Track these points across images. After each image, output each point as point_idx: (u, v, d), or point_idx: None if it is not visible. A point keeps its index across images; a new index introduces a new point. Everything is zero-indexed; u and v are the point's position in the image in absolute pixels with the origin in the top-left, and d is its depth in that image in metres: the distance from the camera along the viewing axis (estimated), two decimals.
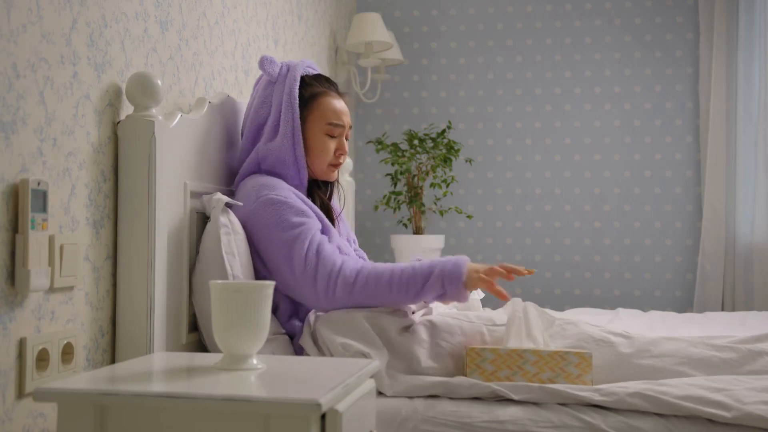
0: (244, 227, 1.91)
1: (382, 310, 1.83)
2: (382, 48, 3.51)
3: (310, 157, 2.05)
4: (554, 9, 3.92)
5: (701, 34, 3.71)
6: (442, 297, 1.85)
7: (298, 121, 2.01)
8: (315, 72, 2.14)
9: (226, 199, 1.87)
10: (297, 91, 2.03)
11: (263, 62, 2.05)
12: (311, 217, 1.91)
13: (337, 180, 2.19)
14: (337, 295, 1.83)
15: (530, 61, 3.93)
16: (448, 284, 1.81)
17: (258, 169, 2.04)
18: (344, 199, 2.45)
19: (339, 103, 2.09)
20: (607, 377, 1.76)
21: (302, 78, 2.08)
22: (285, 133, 2.01)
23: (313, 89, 2.07)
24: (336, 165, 2.10)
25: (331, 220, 2.11)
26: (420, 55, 4.01)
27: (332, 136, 2.07)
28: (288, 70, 2.06)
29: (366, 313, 1.81)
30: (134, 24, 1.76)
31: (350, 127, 2.12)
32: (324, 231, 1.95)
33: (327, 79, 2.13)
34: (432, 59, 4.00)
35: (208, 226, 1.86)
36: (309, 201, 2.00)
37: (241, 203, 1.96)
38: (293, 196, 1.94)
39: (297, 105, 2.02)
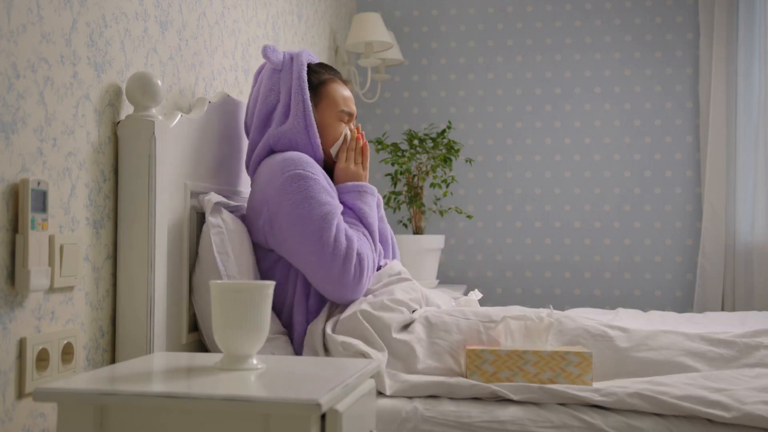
0: (267, 204, 1.89)
1: (381, 307, 1.84)
2: (382, 48, 3.51)
3: (323, 142, 2.06)
4: (554, 9, 3.92)
5: (701, 34, 3.71)
6: (364, 196, 2.02)
7: (308, 103, 2.01)
8: (316, 61, 2.16)
9: (216, 198, 1.87)
10: (305, 74, 2.04)
11: (266, 51, 2.05)
12: (335, 197, 1.93)
13: None
14: (363, 279, 1.87)
15: (530, 61, 3.93)
16: (361, 198, 2.00)
17: (272, 153, 2.03)
18: None
19: (346, 91, 2.13)
20: (604, 371, 1.76)
21: (308, 65, 2.09)
22: (296, 114, 2.00)
23: (320, 76, 2.09)
24: None
25: None
26: (420, 55, 4.01)
27: (342, 122, 2.09)
28: (292, 57, 2.07)
29: (367, 311, 1.81)
30: (134, 24, 1.76)
31: (355, 115, 2.15)
32: None
33: (330, 67, 2.15)
34: (432, 59, 4.00)
35: (203, 226, 1.86)
36: (330, 179, 2.00)
37: (235, 203, 1.96)
38: (319, 171, 1.93)
39: (307, 88, 2.03)
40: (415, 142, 3.43)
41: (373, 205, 2.03)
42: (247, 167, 2.10)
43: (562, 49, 3.91)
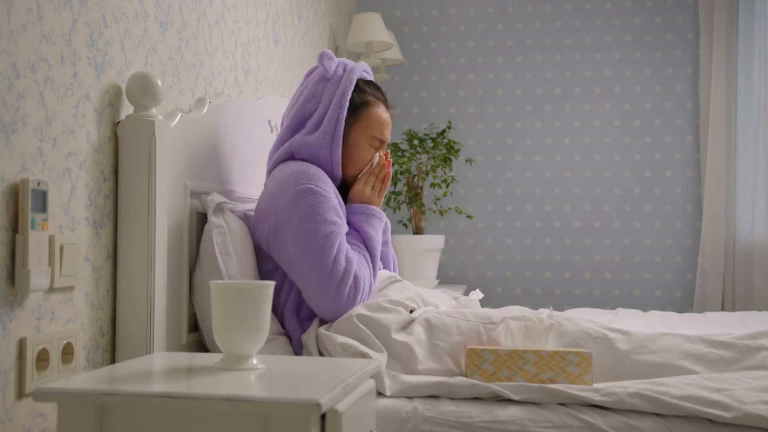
0: (276, 213, 1.88)
1: (378, 309, 1.84)
2: (382, 48, 3.51)
3: (347, 162, 2.04)
4: (554, 9, 3.92)
5: (701, 34, 3.71)
6: (373, 221, 2.01)
7: (342, 123, 1.99)
8: (369, 77, 2.13)
9: (219, 199, 1.87)
10: (350, 93, 2.01)
11: (323, 57, 2.02)
12: (342, 217, 1.91)
13: None
14: (356, 302, 1.86)
15: (530, 61, 3.93)
16: (368, 221, 1.98)
17: (291, 158, 2.02)
18: None
19: (386, 117, 2.09)
20: (605, 374, 1.76)
21: (357, 81, 2.06)
22: (326, 130, 1.98)
23: (365, 96, 2.06)
24: None
25: None
26: (420, 55, 4.01)
27: (372, 147, 2.07)
28: (344, 70, 2.05)
29: (363, 314, 1.81)
30: (134, 24, 1.76)
31: (387, 142, 2.13)
32: None
33: (378, 88, 2.12)
34: (432, 59, 4.00)
35: (206, 226, 1.86)
36: (341, 199, 1.99)
37: (233, 203, 1.96)
38: (332, 190, 1.92)
39: (346, 107, 2.00)
40: (415, 142, 3.43)
41: (379, 230, 2.01)
42: (269, 162, 2.10)
43: (562, 49, 3.91)
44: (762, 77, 3.60)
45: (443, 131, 3.42)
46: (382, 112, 2.08)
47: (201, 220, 1.94)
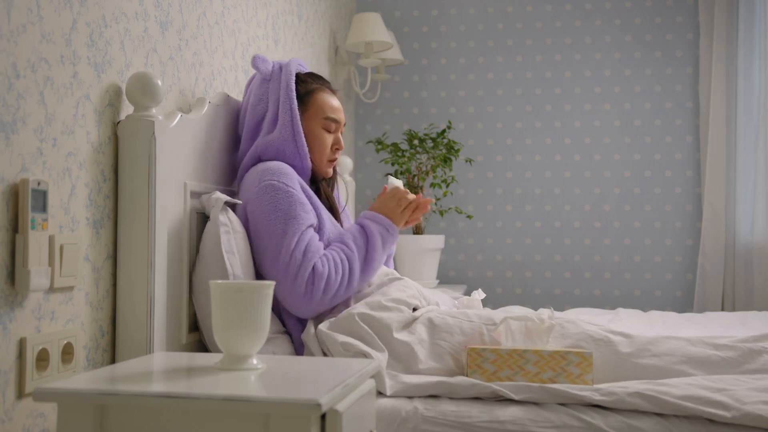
0: (246, 211, 1.92)
1: (379, 308, 1.84)
2: (382, 48, 3.51)
3: (309, 152, 2.07)
4: (554, 9, 3.92)
5: (701, 34, 3.71)
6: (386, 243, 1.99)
7: (296, 113, 2.03)
8: (306, 70, 2.17)
9: (225, 198, 1.87)
10: (294, 84, 2.06)
11: (256, 61, 2.07)
12: (308, 211, 1.92)
13: (337, 173, 2.22)
14: (317, 297, 1.84)
15: (530, 61, 3.93)
16: (382, 234, 1.96)
17: (259, 162, 2.05)
18: (347, 193, 2.48)
19: (334, 100, 2.14)
20: (606, 376, 1.76)
21: (296, 75, 2.11)
22: (284, 124, 2.02)
23: (308, 86, 2.11)
24: (333, 160, 2.14)
25: (335, 213, 2.12)
26: (420, 55, 4.01)
27: (329, 132, 2.10)
28: (281, 67, 2.10)
29: (365, 312, 1.81)
30: (134, 24, 1.76)
31: (344, 124, 2.15)
32: (319, 226, 1.96)
33: (319, 77, 2.16)
34: (432, 59, 4.00)
35: (208, 225, 1.86)
36: (311, 191, 2.00)
37: (240, 201, 1.96)
38: (296, 183, 1.94)
39: (294, 97, 2.04)
40: (415, 142, 3.43)
41: (387, 247, 2.00)
42: (239, 170, 2.12)
43: (562, 49, 3.91)
44: (762, 77, 3.60)
45: (443, 131, 3.42)
46: (328, 95, 2.12)
47: (201, 220, 1.94)
